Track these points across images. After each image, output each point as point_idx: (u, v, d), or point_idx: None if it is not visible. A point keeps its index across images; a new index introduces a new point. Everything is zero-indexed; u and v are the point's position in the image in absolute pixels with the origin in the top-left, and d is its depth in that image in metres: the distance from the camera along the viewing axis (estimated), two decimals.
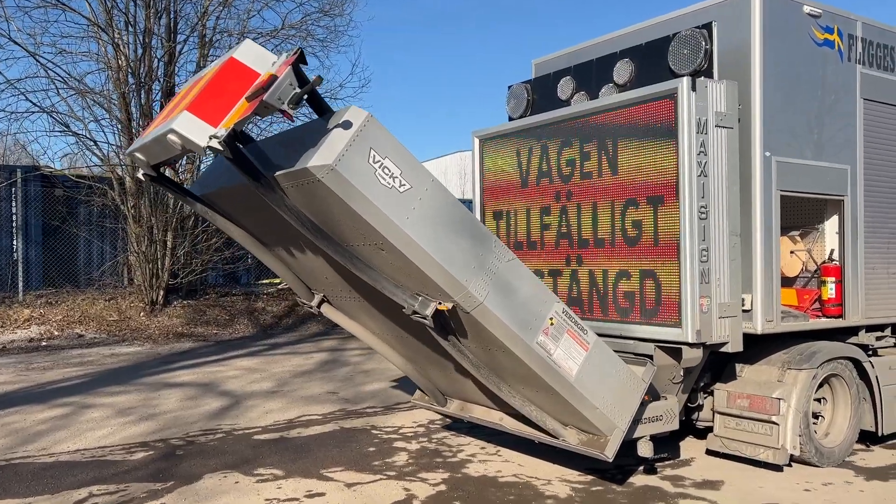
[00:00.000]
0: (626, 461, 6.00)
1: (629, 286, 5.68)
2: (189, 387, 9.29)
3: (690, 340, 5.22)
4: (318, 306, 5.75)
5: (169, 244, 14.36)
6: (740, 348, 5.51)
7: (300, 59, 3.86)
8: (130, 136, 14.79)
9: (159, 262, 14.30)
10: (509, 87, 7.25)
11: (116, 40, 14.45)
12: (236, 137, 3.84)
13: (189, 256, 14.77)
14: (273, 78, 3.68)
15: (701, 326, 5.23)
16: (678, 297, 5.28)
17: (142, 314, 14.12)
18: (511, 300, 4.51)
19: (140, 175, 4.94)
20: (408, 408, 8.32)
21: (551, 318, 4.63)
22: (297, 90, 3.71)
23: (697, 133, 5.22)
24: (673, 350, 5.46)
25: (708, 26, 5.48)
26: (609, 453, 4.91)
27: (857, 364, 6.26)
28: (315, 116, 4.32)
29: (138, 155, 4.56)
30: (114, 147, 14.86)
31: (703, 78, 5.30)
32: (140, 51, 14.40)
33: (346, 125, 3.96)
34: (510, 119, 7.20)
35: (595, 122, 5.86)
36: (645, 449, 5.32)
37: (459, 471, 5.91)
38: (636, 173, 5.58)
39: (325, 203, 4.15)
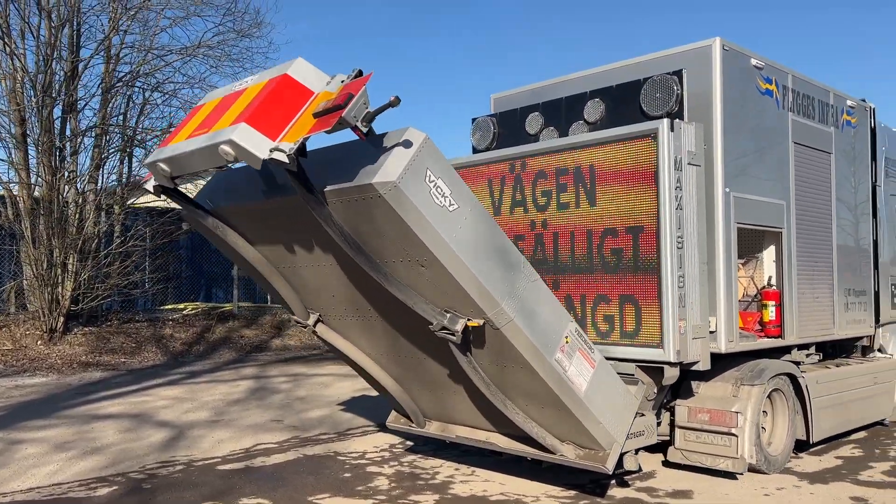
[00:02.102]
0: (597, 475, 6.36)
1: (608, 310, 6.07)
2: (121, 418, 8.82)
3: (672, 360, 5.67)
4: (314, 325, 5.75)
5: (71, 268, 13.50)
6: (709, 366, 6.02)
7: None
8: (26, 151, 13.88)
9: (60, 287, 13.41)
10: (474, 119, 7.56)
11: (12, 49, 13.56)
12: (301, 152, 3.91)
13: (92, 281, 13.94)
14: (349, 96, 3.81)
15: (680, 347, 5.69)
16: (659, 320, 5.72)
17: (39, 342, 13.17)
18: (536, 318, 4.79)
19: (149, 187, 4.81)
20: (361, 433, 8.33)
21: (567, 337, 4.94)
22: (370, 109, 3.85)
23: (675, 170, 5.71)
24: (652, 369, 5.89)
25: (679, 73, 6.02)
26: (610, 466, 5.24)
27: (793, 379, 6.96)
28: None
29: (162, 166, 4.46)
30: (6, 163, 13.85)
31: (678, 120, 5.82)
32: (42, 62, 13.58)
33: (407, 144, 4.15)
34: (475, 150, 7.49)
35: (574, 156, 6.25)
36: (631, 463, 5.69)
37: (447, 492, 6.04)
38: (615, 205, 6.00)
39: (375, 219, 4.29)
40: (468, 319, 4.61)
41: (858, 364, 8.19)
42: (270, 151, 3.78)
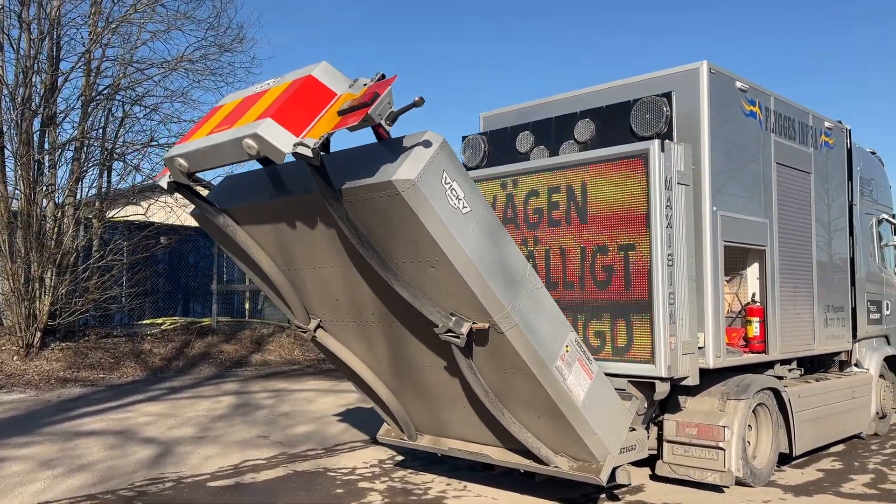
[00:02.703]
0: (587, 489, 6.46)
1: (599, 325, 6.18)
2: (105, 435, 8.72)
3: (663, 375, 5.78)
4: (314, 330, 5.80)
5: (49, 282, 13.32)
6: (698, 381, 6.14)
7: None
8: (3, 164, 13.71)
9: (38, 302, 13.22)
10: (464, 137, 7.65)
11: None
12: (324, 148, 4.04)
13: (70, 295, 13.76)
14: (375, 95, 3.95)
15: (671, 363, 5.81)
16: (651, 335, 5.84)
17: (15, 358, 12.95)
18: (539, 325, 4.91)
19: (162, 183, 4.88)
20: (349, 449, 8.33)
21: (567, 346, 5.06)
22: (394, 109, 3.99)
23: (665, 189, 5.86)
24: (643, 384, 6.00)
25: (668, 95, 6.18)
26: (604, 477, 5.31)
27: (776, 394, 7.12)
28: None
29: (181, 161, 4.54)
30: None
31: (668, 140, 5.97)
32: (22, 75, 13.45)
33: (426, 146, 4.29)
34: (465, 168, 7.58)
35: (566, 175, 6.37)
36: (623, 476, 5.77)
37: None
38: (607, 223, 6.13)
39: (391, 217, 4.39)
40: (473, 323, 4.72)
41: (837, 379, 8.39)
42: (294, 146, 3.90)
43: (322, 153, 4.06)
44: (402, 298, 4.77)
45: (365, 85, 4.19)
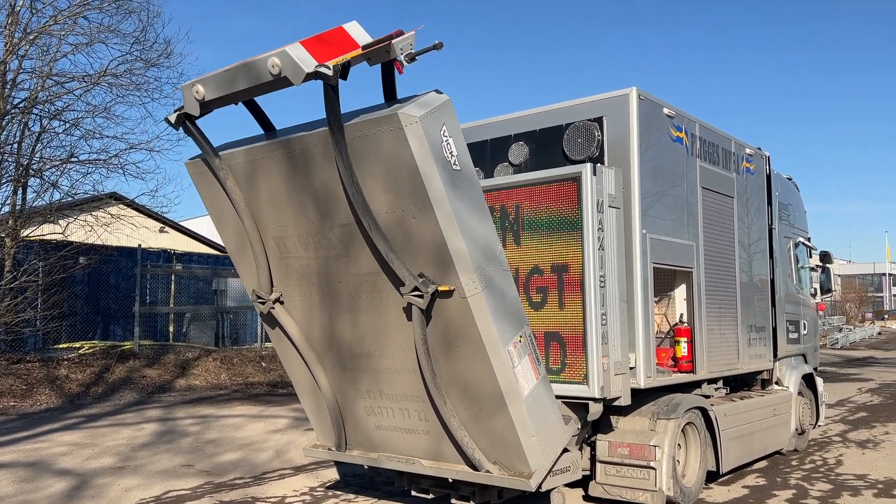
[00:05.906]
0: None
1: None
2: (15, 467, 8.23)
3: (596, 396, 5.83)
4: (273, 303, 5.73)
5: None
6: (630, 402, 6.22)
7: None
8: None
9: None
10: None
11: None
12: (343, 75, 4.34)
13: None
14: (400, 32, 4.33)
15: (604, 383, 5.86)
16: (584, 356, 5.88)
17: None
18: (500, 303, 4.96)
19: (171, 118, 5.04)
20: (278, 477, 8.09)
21: (520, 336, 5.12)
22: (413, 50, 4.38)
23: (597, 212, 5.94)
24: (576, 405, 6.03)
25: (599, 120, 6.30)
26: (533, 484, 5.22)
27: (703, 412, 7.27)
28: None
29: (198, 87, 4.78)
30: None
31: (599, 164, 6.07)
32: None
33: (432, 98, 4.63)
34: None
35: (500, 197, 6.40)
36: (558, 499, 5.76)
37: None
38: (541, 245, 6.17)
39: (386, 156, 4.56)
40: (438, 286, 4.81)
41: (760, 397, 8.65)
42: (315, 67, 4.21)
43: (342, 78, 4.31)
44: (370, 266, 4.93)
45: None
